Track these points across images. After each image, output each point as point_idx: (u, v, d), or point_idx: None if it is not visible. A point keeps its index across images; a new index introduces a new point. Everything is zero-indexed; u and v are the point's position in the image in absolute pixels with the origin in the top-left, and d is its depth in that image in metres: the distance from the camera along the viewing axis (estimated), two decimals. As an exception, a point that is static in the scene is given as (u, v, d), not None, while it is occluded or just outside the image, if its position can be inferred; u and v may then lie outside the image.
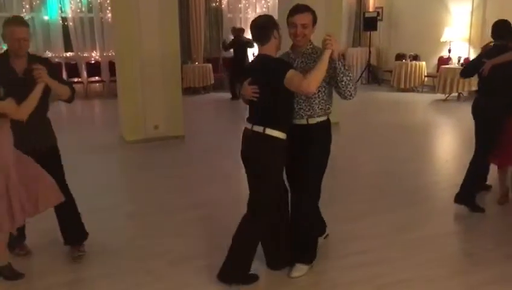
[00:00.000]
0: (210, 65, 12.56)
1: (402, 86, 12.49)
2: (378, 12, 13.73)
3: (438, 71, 11.52)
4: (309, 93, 2.99)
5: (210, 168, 6.06)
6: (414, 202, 4.81)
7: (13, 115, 3.05)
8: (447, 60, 11.74)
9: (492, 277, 3.35)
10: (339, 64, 3.02)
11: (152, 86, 7.17)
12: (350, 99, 3.18)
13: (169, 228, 4.24)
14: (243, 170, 3.27)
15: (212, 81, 12.59)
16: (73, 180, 3.67)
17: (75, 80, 11.78)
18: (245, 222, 3.22)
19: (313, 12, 3.18)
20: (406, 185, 5.30)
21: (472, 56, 11.52)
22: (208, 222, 4.35)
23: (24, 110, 3.08)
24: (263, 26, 3.07)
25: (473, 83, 10.67)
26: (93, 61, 12.10)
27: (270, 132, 3.03)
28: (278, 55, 3.22)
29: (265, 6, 13.55)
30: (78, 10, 11.80)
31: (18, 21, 3.23)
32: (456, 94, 11.11)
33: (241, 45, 11.53)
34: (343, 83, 3.06)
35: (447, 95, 11.07)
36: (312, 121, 3.22)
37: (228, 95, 11.85)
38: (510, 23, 4.51)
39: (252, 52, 11.79)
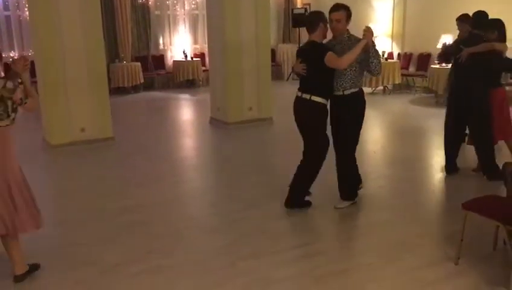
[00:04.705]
0: (139, 64, 12.22)
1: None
2: (305, 9, 13.96)
3: (364, 66, 11.86)
4: (340, 68, 4.05)
5: (140, 170, 5.84)
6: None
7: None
8: (372, 54, 12.15)
9: (421, 262, 3.49)
10: (371, 50, 4.04)
11: (76, 86, 6.84)
12: (377, 75, 5.02)
13: (100, 235, 4.06)
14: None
15: (142, 80, 12.26)
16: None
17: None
18: (300, 166, 4.39)
19: (347, 9, 4.22)
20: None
21: (395, 50, 12.04)
22: (139, 227, 4.21)
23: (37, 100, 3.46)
24: (312, 19, 4.28)
25: (396, 76, 11.17)
26: (11, 62, 11.39)
27: (314, 98, 4.17)
28: (325, 41, 4.31)
29: (193, 3, 13.37)
30: (-7, 8, 11.07)
31: None
32: (382, 87, 11.53)
33: None
34: (373, 64, 4.11)
35: (373, 89, 11.46)
36: (347, 92, 4.21)
37: (158, 94, 11.51)
38: (488, 15, 5.09)
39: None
